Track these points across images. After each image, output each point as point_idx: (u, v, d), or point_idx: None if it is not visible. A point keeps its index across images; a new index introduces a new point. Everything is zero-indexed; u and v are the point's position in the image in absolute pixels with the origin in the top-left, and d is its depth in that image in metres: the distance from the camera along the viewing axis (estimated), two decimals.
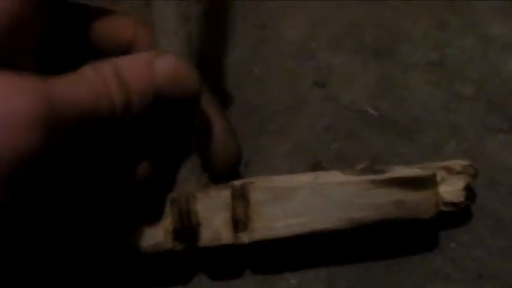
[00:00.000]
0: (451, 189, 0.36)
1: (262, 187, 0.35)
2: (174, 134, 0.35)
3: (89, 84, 0.29)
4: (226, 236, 0.34)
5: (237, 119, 0.40)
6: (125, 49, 0.35)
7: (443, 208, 0.36)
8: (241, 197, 0.35)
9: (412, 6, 0.45)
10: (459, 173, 0.37)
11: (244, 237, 0.34)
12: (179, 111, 0.33)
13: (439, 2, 0.45)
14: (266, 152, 0.41)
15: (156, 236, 0.34)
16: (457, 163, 0.37)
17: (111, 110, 0.30)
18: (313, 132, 0.41)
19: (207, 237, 0.34)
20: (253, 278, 0.38)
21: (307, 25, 0.45)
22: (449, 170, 0.37)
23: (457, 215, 0.38)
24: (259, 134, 0.41)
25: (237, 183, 0.35)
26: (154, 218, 0.34)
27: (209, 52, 0.42)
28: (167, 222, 0.34)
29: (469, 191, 0.37)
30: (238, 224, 0.34)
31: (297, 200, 0.34)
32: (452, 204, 0.36)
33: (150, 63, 0.31)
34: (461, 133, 0.41)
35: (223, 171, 0.36)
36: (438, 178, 0.36)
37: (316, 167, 0.40)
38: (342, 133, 0.41)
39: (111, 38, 0.36)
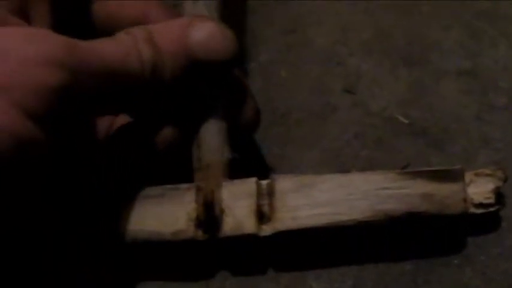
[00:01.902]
0: (480, 191, 0.36)
1: (288, 177, 0.35)
2: (203, 101, 0.35)
3: (119, 42, 0.31)
4: (249, 226, 0.34)
5: (263, 125, 0.39)
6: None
7: (472, 210, 0.35)
8: (266, 187, 0.35)
9: (443, 14, 0.45)
10: (488, 175, 0.36)
11: (268, 229, 0.34)
12: (213, 74, 0.34)
13: (472, 10, 0.45)
14: (293, 160, 0.40)
15: (178, 222, 0.34)
16: (487, 168, 0.37)
17: (140, 67, 0.31)
18: (341, 139, 0.41)
19: (229, 226, 0.34)
20: (275, 285, 0.37)
21: (337, 31, 0.45)
22: (478, 173, 0.36)
23: (487, 224, 0.37)
24: (286, 140, 0.41)
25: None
26: (177, 204, 0.34)
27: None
28: (190, 209, 0.34)
29: (499, 194, 0.36)
30: (263, 216, 0.34)
31: (323, 190, 0.34)
32: (482, 205, 0.36)
33: (184, 27, 0.32)
34: (493, 144, 0.40)
35: (244, 129, 0.36)
36: (467, 180, 0.35)
37: None
38: (371, 141, 0.41)
39: (122, 17, 0.36)
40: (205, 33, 0.32)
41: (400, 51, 0.44)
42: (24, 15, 0.31)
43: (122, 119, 0.36)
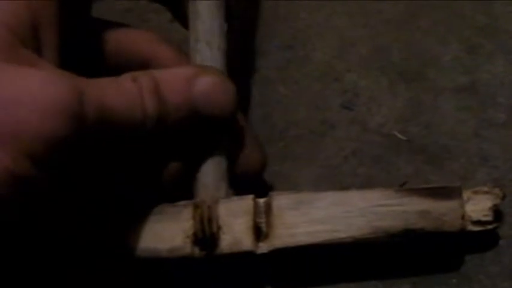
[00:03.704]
0: (477, 208, 0.35)
1: (285, 194, 0.35)
2: (204, 141, 0.35)
3: (124, 92, 0.30)
4: (246, 243, 0.34)
5: (261, 142, 0.39)
6: (143, 65, 0.36)
7: (470, 227, 0.35)
8: (264, 204, 0.35)
9: (441, 30, 0.45)
10: (486, 193, 0.36)
11: (265, 246, 0.34)
12: (213, 124, 0.34)
13: (470, 26, 0.45)
14: (290, 177, 0.40)
15: (174, 239, 0.34)
16: (485, 186, 0.36)
17: (143, 121, 0.31)
18: (339, 156, 0.41)
19: (226, 243, 0.34)
20: None
21: (335, 46, 0.45)
22: (476, 191, 0.36)
23: (485, 242, 0.37)
24: (284, 157, 0.41)
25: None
26: (174, 220, 0.34)
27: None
28: (187, 226, 0.34)
29: (497, 212, 0.36)
30: (260, 233, 0.34)
31: (320, 207, 0.34)
32: (480, 223, 0.35)
33: (190, 79, 0.32)
34: (491, 161, 0.40)
35: (246, 177, 0.36)
36: (464, 198, 0.35)
37: None
38: (369, 158, 0.41)
39: (129, 53, 0.36)
40: (208, 87, 0.32)
41: (398, 67, 0.44)
42: (36, 42, 0.31)
43: None
